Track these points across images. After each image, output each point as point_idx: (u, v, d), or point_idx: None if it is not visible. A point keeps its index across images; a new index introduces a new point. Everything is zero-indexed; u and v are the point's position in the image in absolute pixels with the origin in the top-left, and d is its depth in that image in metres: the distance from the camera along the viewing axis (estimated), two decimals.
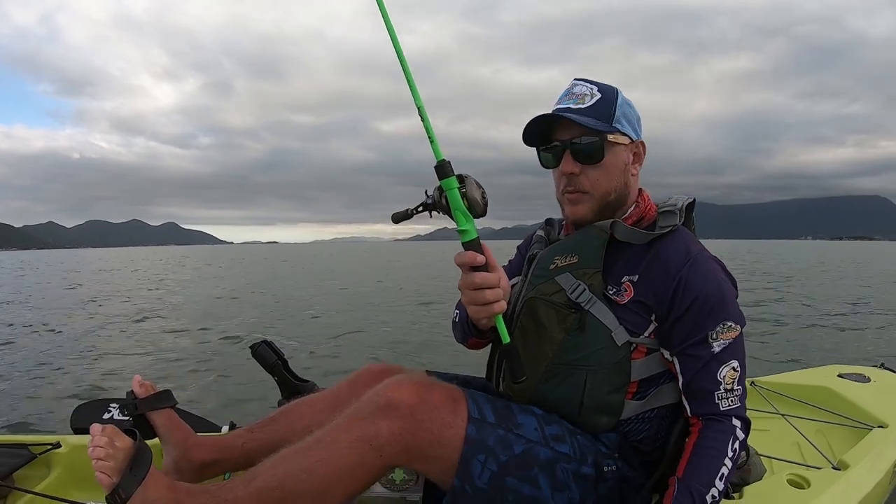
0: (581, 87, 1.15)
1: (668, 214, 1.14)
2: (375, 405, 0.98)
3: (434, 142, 0.94)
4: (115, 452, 0.96)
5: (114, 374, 4.74)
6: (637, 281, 1.08)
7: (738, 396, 1.05)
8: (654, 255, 1.09)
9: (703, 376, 1.04)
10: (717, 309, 1.04)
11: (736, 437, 1.03)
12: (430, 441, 0.97)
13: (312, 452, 0.96)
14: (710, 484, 0.99)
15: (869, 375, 2.21)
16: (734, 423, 1.04)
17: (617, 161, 1.14)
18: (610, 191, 1.14)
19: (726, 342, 1.04)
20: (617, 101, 1.14)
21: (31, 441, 1.63)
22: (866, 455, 1.48)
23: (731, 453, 1.02)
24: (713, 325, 1.04)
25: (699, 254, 1.08)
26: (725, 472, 1.00)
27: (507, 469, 0.99)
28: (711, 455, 1.01)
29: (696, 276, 1.05)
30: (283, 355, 1.82)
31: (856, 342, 6.25)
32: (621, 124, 1.13)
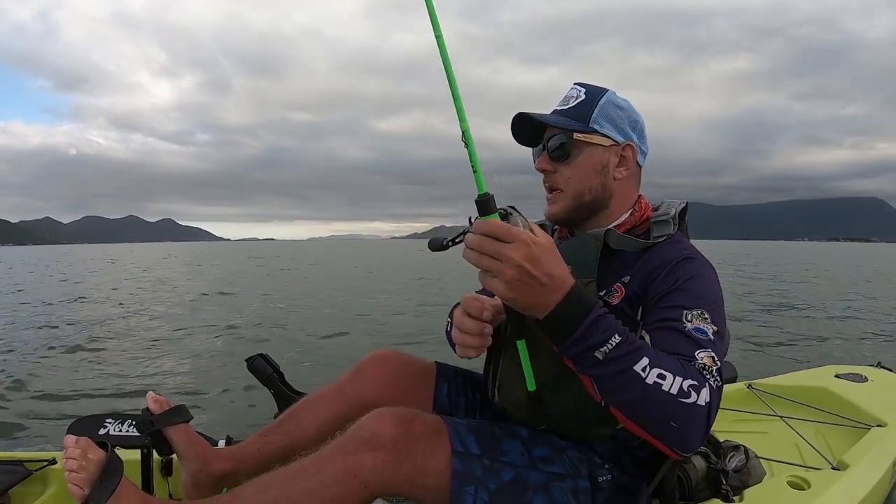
0: (573, 90, 1.19)
1: (661, 224, 1.14)
2: (359, 438, 0.97)
3: (478, 172, 0.85)
4: (88, 465, 0.97)
5: (110, 389, 4.71)
6: (629, 281, 1.08)
7: (716, 373, 0.90)
8: (648, 258, 1.09)
9: (675, 345, 0.93)
10: (700, 298, 1.00)
11: (700, 384, 0.85)
12: (414, 472, 0.97)
13: (298, 481, 0.95)
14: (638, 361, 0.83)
15: (866, 375, 2.22)
16: (707, 376, 0.88)
17: (591, 161, 1.14)
18: (583, 190, 1.15)
19: (702, 329, 0.95)
20: (598, 102, 1.15)
21: (27, 458, 1.62)
22: (865, 454, 1.49)
23: (683, 380, 0.84)
24: (691, 306, 0.98)
25: (695, 254, 1.09)
26: (661, 383, 0.83)
27: (500, 497, 0.98)
28: (667, 358, 0.88)
29: (688, 269, 1.05)
30: (278, 368, 1.81)
31: (852, 342, 6.26)
32: (599, 125, 1.14)
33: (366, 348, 2.24)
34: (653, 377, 0.83)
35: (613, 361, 0.83)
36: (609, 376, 0.84)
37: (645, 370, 0.83)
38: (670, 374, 0.84)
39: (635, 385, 0.83)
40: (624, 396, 0.84)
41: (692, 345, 0.93)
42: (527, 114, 1.16)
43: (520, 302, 0.83)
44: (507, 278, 0.80)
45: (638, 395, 0.83)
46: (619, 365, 0.83)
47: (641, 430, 0.87)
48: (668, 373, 0.84)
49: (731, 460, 1.29)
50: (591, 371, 0.86)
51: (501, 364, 1.19)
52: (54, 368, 5.51)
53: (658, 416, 0.84)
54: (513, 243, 0.79)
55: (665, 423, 0.84)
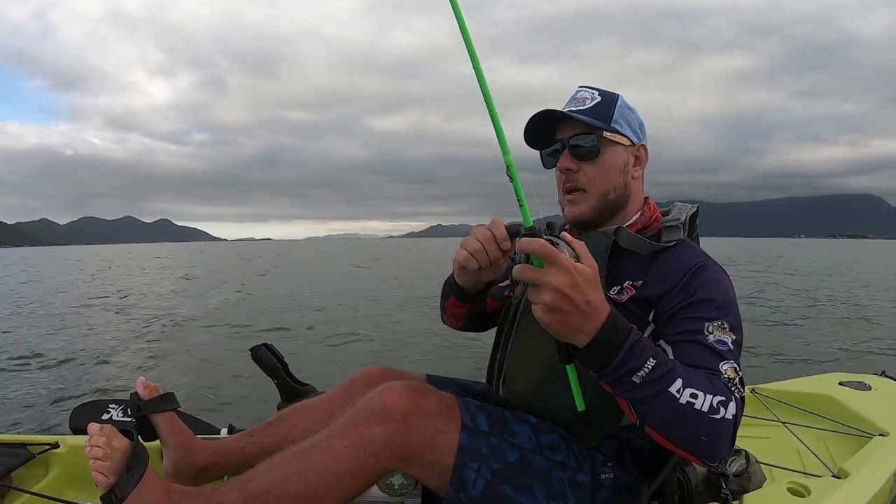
0: (583, 92, 1.19)
1: (671, 230, 1.15)
2: (370, 410, 0.98)
3: (524, 206, 0.87)
4: (113, 453, 0.96)
5: (113, 374, 4.74)
6: (641, 286, 1.08)
7: (739, 384, 0.94)
8: (660, 265, 1.09)
9: (700, 358, 0.95)
10: (719, 309, 1.01)
11: (728, 398, 0.89)
12: (423, 446, 0.97)
13: (307, 457, 0.96)
14: (672, 383, 0.86)
15: (870, 383, 2.21)
16: (732, 390, 0.92)
17: (615, 160, 1.15)
18: (608, 190, 1.15)
19: (723, 340, 0.98)
20: (616, 103, 1.17)
21: (30, 441, 1.63)
22: (867, 463, 1.48)
23: (713, 397, 0.87)
24: (711, 318, 1.00)
25: (708, 261, 1.09)
26: (694, 402, 0.86)
27: (502, 477, 0.99)
28: (697, 375, 0.90)
29: (704, 278, 1.05)
30: (282, 358, 1.82)
31: (857, 350, 6.23)
32: (620, 125, 1.15)
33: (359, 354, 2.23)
34: (686, 397, 0.86)
35: (650, 384, 0.86)
36: (646, 399, 0.86)
37: (679, 391, 0.86)
38: (702, 393, 0.87)
39: (670, 405, 0.85)
40: (660, 417, 0.87)
41: (716, 357, 0.95)
42: (554, 110, 1.15)
43: (556, 328, 0.84)
44: (544, 302, 0.81)
45: (673, 414, 0.86)
46: (656, 388, 0.86)
47: (673, 446, 0.89)
48: (699, 391, 0.87)
49: (732, 464, 1.29)
50: (628, 395, 0.88)
51: (507, 356, 1.20)
52: (55, 354, 5.55)
53: (691, 433, 0.87)
54: (553, 268, 0.81)
55: (696, 439, 0.87)
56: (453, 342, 5.89)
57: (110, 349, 5.82)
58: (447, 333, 6.03)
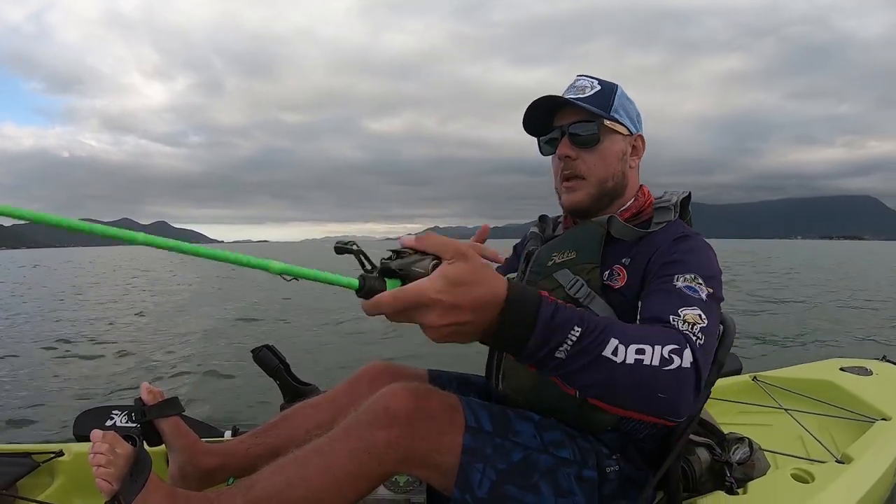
0: (582, 80, 1.19)
1: (662, 211, 1.15)
2: (373, 414, 0.97)
3: (337, 278, 0.68)
4: (116, 459, 0.96)
5: (116, 380, 4.74)
6: (629, 264, 1.09)
7: (699, 332, 0.86)
8: (648, 240, 1.10)
9: (659, 305, 0.91)
10: (696, 268, 0.98)
11: (681, 345, 0.80)
12: (428, 449, 0.97)
13: (311, 461, 0.96)
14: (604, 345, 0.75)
15: (871, 368, 2.22)
16: (689, 335, 0.83)
17: (614, 148, 1.16)
18: (607, 177, 1.16)
19: (693, 287, 0.93)
20: (616, 93, 1.18)
21: (35, 450, 1.63)
22: (870, 448, 1.49)
23: (663, 348, 0.78)
24: (683, 271, 0.97)
25: (693, 233, 1.09)
26: (642, 358, 0.76)
27: (507, 477, 0.98)
28: (637, 328, 0.82)
29: (686, 245, 1.05)
30: (284, 359, 1.82)
31: (857, 336, 6.24)
32: (619, 114, 1.16)
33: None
34: (631, 355, 0.76)
35: (578, 355, 0.74)
36: (577, 371, 0.75)
37: (617, 351, 0.75)
38: (647, 346, 0.77)
39: (609, 371, 0.75)
40: (599, 386, 0.76)
41: (678, 300, 0.90)
42: (555, 96, 1.16)
43: (462, 340, 0.72)
44: (432, 337, 0.70)
45: (614, 379, 0.75)
46: (586, 356, 0.75)
47: (628, 411, 0.80)
48: (644, 345, 0.77)
49: (736, 452, 1.29)
50: (557, 372, 0.76)
51: (505, 354, 1.20)
52: (58, 361, 5.54)
53: (641, 392, 0.77)
54: (418, 310, 0.67)
55: (652, 396, 0.77)
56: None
57: (112, 355, 5.82)
58: None
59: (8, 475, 1.48)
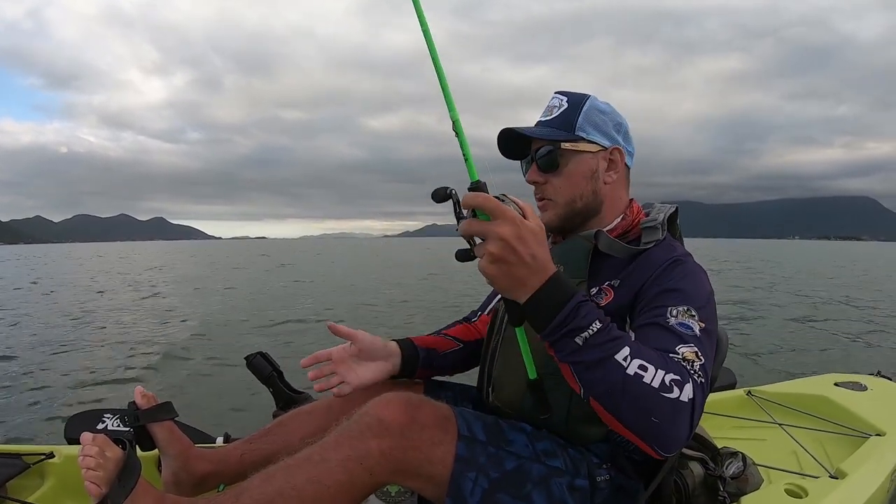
0: (554, 99, 1.21)
1: (650, 231, 1.15)
2: (365, 424, 0.97)
3: (469, 160, 0.87)
4: (105, 462, 0.96)
5: (108, 384, 4.72)
6: (618, 286, 1.09)
7: (699, 370, 0.88)
8: (637, 263, 1.10)
9: (655, 342, 0.91)
10: (689, 299, 0.99)
11: (683, 379, 0.83)
12: (420, 460, 0.96)
13: (302, 470, 0.95)
14: (618, 350, 0.82)
15: (866, 384, 2.22)
16: (690, 371, 0.86)
17: (580, 168, 1.16)
18: (574, 198, 1.17)
19: (686, 324, 0.94)
20: (582, 109, 1.17)
21: (25, 451, 1.62)
22: (864, 463, 1.48)
23: (665, 374, 0.82)
24: (675, 303, 0.98)
25: (685, 257, 1.09)
26: (643, 374, 0.81)
27: (499, 486, 0.98)
28: (648, 349, 0.86)
29: (678, 271, 1.05)
30: (278, 367, 1.81)
31: (852, 350, 6.25)
32: (585, 132, 1.16)
33: None
34: (634, 368, 0.81)
35: (594, 348, 0.82)
36: (589, 364, 0.83)
37: (626, 360, 0.82)
38: (652, 367, 0.82)
39: (616, 375, 0.81)
40: (604, 387, 0.82)
41: (674, 339, 0.92)
42: (512, 129, 1.18)
43: (501, 280, 0.82)
44: (489, 252, 0.80)
45: (618, 385, 0.81)
46: (600, 352, 0.82)
47: (622, 425, 0.84)
48: (649, 364, 0.82)
49: (729, 467, 1.29)
50: (570, 357, 0.84)
51: (496, 364, 1.21)
52: (51, 363, 5.52)
53: (639, 410, 0.81)
54: (499, 220, 0.79)
55: (646, 419, 0.81)
56: None
57: (105, 358, 5.79)
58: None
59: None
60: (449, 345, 1.39)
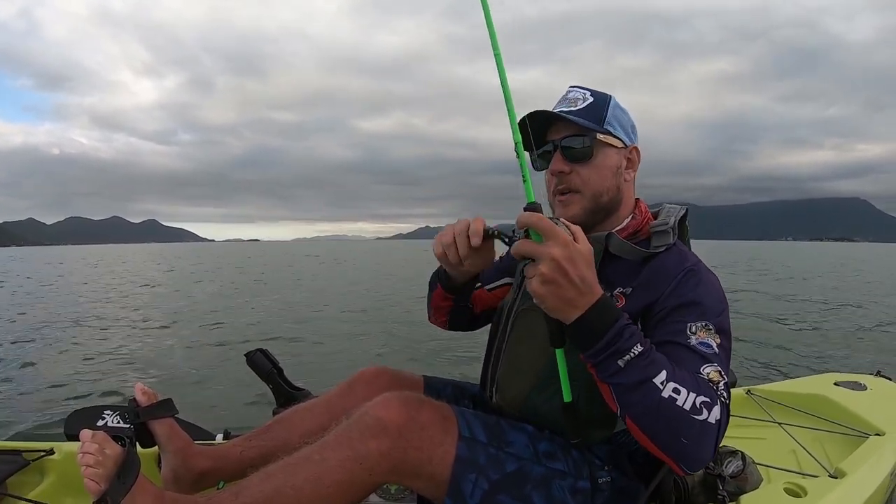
0: (575, 92, 1.17)
1: (661, 235, 1.13)
2: (364, 424, 0.97)
3: (528, 181, 0.90)
4: (105, 459, 0.96)
5: (108, 380, 4.72)
6: (630, 293, 1.07)
7: (723, 389, 0.91)
8: (650, 270, 1.08)
9: (681, 361, 0.92)
10: (706, 312, 0.99)
11: (713, 401, 0.86)
12: (420, 460, 0.96)
13: (301, 470, 0.95)
14: (657, 374, 0.85)
15: (865, 383, 2.22)
16: (718, 393, 0.89)
17: (608, 162, 1.13)
18: (602, 191, 1.13)
19: (707, 342, 0.95)
20: (609, 104, 1.15)
21: (25, 448, 1.62)
22: (863, 463, 1.48)
23: (696, 397, 0.85)
24: (694, 318, 0.98)
25: (698, 265, 1.08)
26: (676, 398, 0.84)
27: (499, 488, 0.98)
28: (683, 372, 0.88)
29: (692, 282, 1.03)
30: (278, 363, 1.81)
31: (852, 350, 6.25)
32: (613, 127, 1.13)
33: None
34: (668, 391, 0.84)
35: (634, 371, 0.85)
36: (629, 386, 0.85)
37: (663, 383, 0.84)
38: (685, 390, 0.85)
39: (653, 397, 0.84)
40: (641, 407, 0.85)
41: (698, 360, 0.93)
42: (546, 111, 1.13)
43: (550, 300, 0.84)
44: (540, 272, 0.82)
45: (654, 406, 0.84)
46: (640, 375, 0.85)
47: (652, 443, 0.87)
48: (682, 388, 0.85)
49: (729, 466, 1.29)
50: (612, 379, 0.87)
51: (500, 364, 1.20)
52: (51, 360, 5.52)
53: (671, 430, 0.84)
54: (551, 241, 0.82)
55: (676, 439, 0.85)
56: (450, 343, 5.88)
57: (105, 355, 5.79)
58: (445, 335, 6.03)
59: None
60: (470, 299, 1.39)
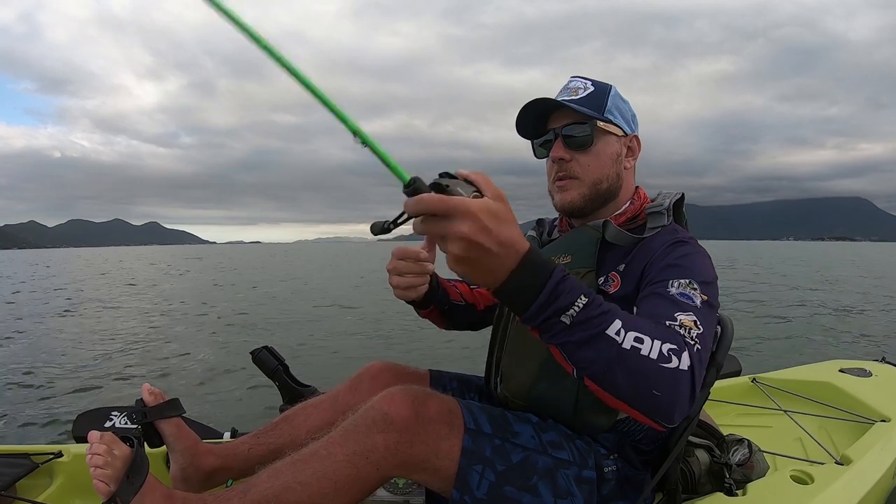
0: (576, 81, 1.19)
1: (656, 216, 1.14)
2: (371, 419, 0.97)
3: (391, 164, 0.70)
4: (113, 460, 0.97)
5: (116, 381, 4.73)
6: (623, 270, 1.08)
7: (696, 337, 0.85)
8: (642, 247, 1.09)
9: (654, 309, 0.90)
10: (690, 272, 0.98)
11: (680, 347, 0.81)
12: (426, 453, 0.96)
13: (308, 465, 0.95)
14: (609, 324, 0.77)
15: (870, 370, 2.22)
16: (687, 339, 0.84)
17: (608, 150, 1.15)
18: (601, 178, 1.15)
19: (687, 294, 0.92)
20: (609, 93, 1.16)
21: (33, 451, 1.63)
22: (869, 449, 1.49)
23: (662, 343, 0.79)
24: (677, 276, 0.96)
25: (688, 239, 1.08)
26: (640, 347, 0.77)
27: (506, 479, 0.98)
28: (640, 319, 0.83)
29: (681, 250, 1.04)
30: (283, 360, 1.82)
31: (857, 337, 6.24)
32: (613, 115, 1.15)
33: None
34: (629, 341, 0.77)
35: (582, 325, 0.76)
36: (579, 343, 0.77)
37: (619, 334, 0.77)
38: (647, 337, 0.78)
39: (610, 350, 0.77)
40: (598, 365, 0.78)
41: (673, 307, 0.90)
42: (548, 99, 1.15)
43: (473, 276, 0.75)
44: (452, 254, 0.72)
45: (614, 361, 0.77)
46: (590, 329, 0.76)
47: (621, 402, 0.80)
48: (644, 336, 0.78)
49: (735, 454, 1.29)
50: (558, 339, 0.78)
51: (503, 355, 1.21)
52: (57, 363, 5.54)
53: (638, 384, 0.77)
54: (455, 217, 0.69)
55: (646, 392, 0.77)
56: (454, 336, 5.89)
57: (111, 356, 5.81)
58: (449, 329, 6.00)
59: (7, 476, 1.48)
60: (455, 296, 1.39)
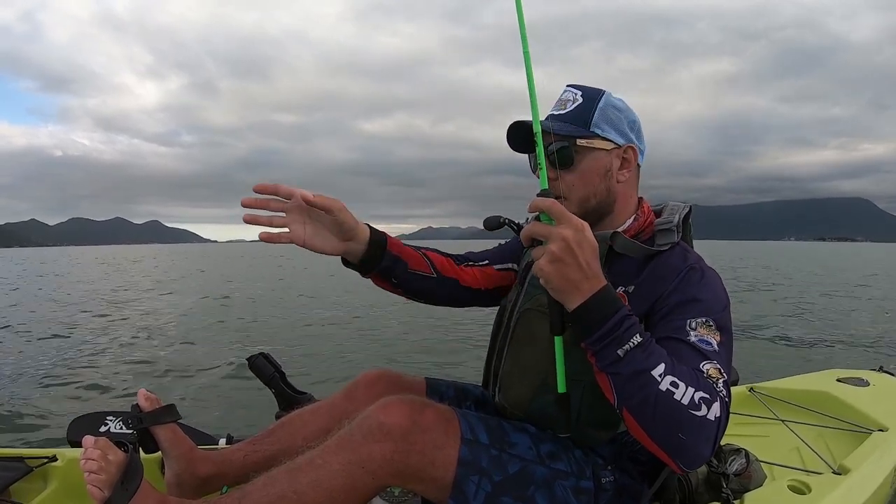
0: (567, 93, 1.16)
1: (665, 233, 1.12)
2: (366, 428, 0.97)
3: (543, 168, 0.95)
4: (107, 466, 0.96)
5: (110, 386, 4.72)
6: (633, 292, 1.06)
7: (723, 386, 0.89)
8: (653, 269, 1.07)
9: (680, 357, 0.91)
10: (707, 309, 0.98)
11: (712, 397, 0.85)
12: (422, 463, 0.96)
13: (303, 474, 0.95)
14: (655, 366, 0.84)
15: (868, 379, 2.21)
16: (717, 389, 0.87)
17: (595, 166, 1.11)
18: (588, 196, 1.12)
19: (706, 339, 0.94)
20: (598, 105, 1.12)
21: (28, 454, 1.62)
22: (867, 459, 1.48)
23: (695, 392, 0.83)
24: (694, 315, 0.97)
25: (699, 263, 1.07)
26: (674, 391, 0.83)
27: (502, 489, 0.98)
28: (681, 366, 0.87)
29: (694, 279, 1.03)
30: (280, 367, 1.81)
31: (854, 346, 6.24)
32: (601, 129, 1.11)
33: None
34: (666, 384, 0.83)
35: (633, 361, 0.84)
36: (627, 376, 0.85)
37: (661, 376, 0.84)
38: (683, 384, 0.84)
39: (650, 389, 0.83)
40: (638, 399, 0.84)
41: (697, 356, 0.91)
42: (524, 122, 1.12)
43: (556, 281, 0.85)
44: (550, 251, 0.84)
45: (651, 399, 0.83)
46: (638, 366, 0.84)
47: (650, 438, 0.85)
48: (681, 382, 0.84)
49: (732, 464, 1.29)
50: (610, 368, 0.86)
51: (503, 364, 1.20)
52: (53, 366, 5.52)
53: (668, 425, 0.83)
54: (563, 223, 0.85)
55: (673, 434, 0.83)
56: (452, 344, 5.88)
57: (107, 360, 5.79)
58: (446, 335, 6.05)
59: (1, 479, 1.47)
60: (421, 266, 1.30)
